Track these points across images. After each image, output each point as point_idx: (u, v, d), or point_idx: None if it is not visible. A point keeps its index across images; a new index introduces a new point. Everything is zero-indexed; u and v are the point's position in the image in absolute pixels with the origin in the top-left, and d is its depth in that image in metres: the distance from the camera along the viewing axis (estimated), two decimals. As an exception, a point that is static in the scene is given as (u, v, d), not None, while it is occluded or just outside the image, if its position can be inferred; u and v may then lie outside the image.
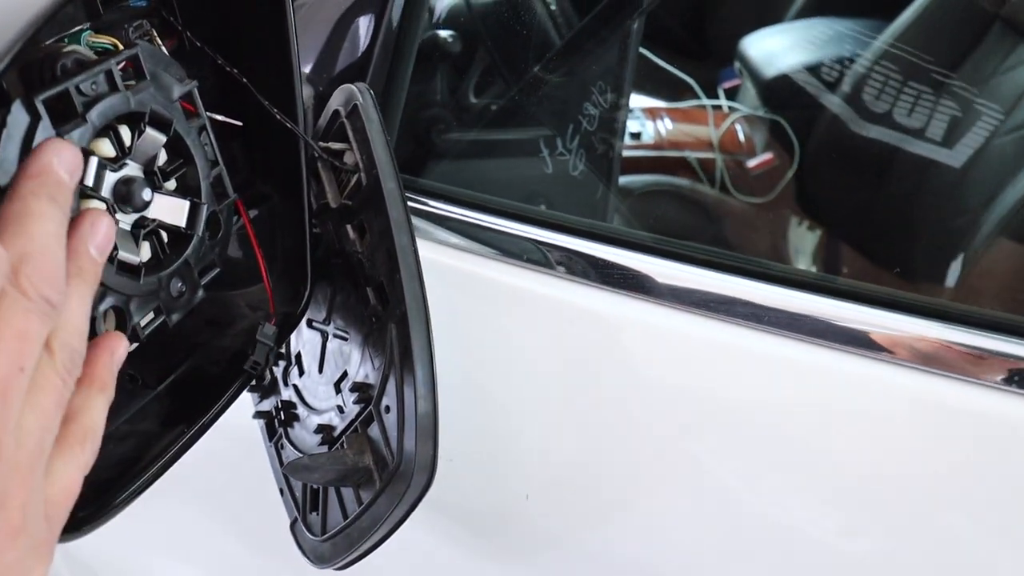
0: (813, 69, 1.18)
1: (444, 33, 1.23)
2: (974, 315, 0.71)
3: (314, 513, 0.76)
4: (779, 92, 1.21)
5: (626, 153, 1.22)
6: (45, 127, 0.48)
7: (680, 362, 0.82)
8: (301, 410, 0.78)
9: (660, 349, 0.83)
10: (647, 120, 1.25)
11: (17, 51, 0.44)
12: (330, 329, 0.77)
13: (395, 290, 0.66)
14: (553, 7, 1.24)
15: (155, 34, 0.64)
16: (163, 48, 0.64)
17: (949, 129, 0.93)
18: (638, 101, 1.26)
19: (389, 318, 0.67)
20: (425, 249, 0.72)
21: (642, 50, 1.22)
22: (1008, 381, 0.67)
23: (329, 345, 0.76)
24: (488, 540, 0.98)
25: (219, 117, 0.66)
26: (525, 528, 0.94)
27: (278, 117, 0.67)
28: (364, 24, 1.09)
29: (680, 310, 0.81)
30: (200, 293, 0.60)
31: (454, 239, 0.92)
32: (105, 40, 0.58)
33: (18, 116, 0.47)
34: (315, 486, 0.75)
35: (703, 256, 0.83)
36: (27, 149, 0.47)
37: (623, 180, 1.20)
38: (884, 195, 1.00)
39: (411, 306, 0.65)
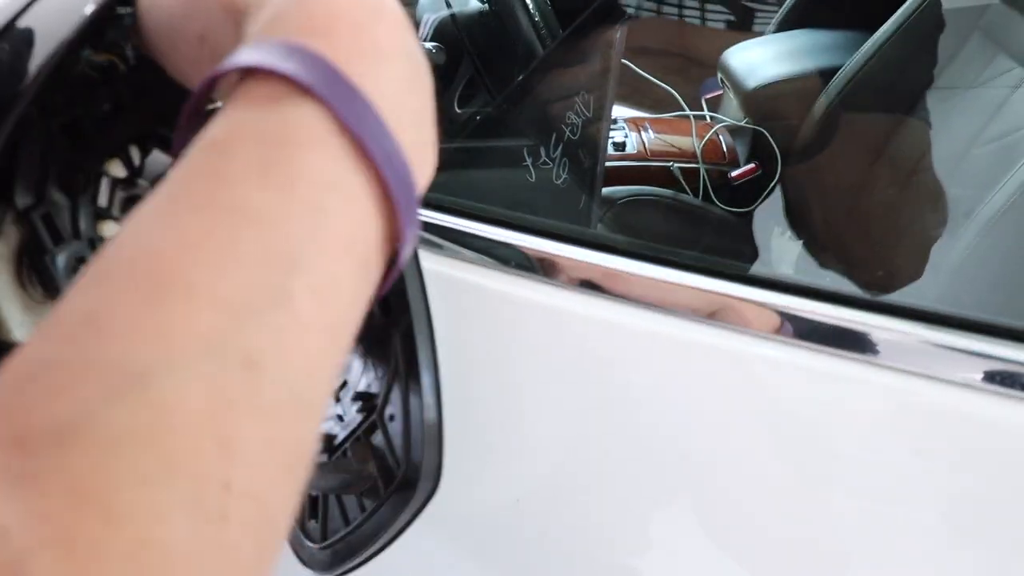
0: (794, 80, 1.20)
1: (428, 45, 1.24)
2: (953, 317, 0.73)
3: (312, 521, 0.76)
4: (761, 103, 1.22)
5: (609, 163, 1.23)
6: (60, 149, 0.49)
7: (669, 366, 0.83)
8: (298, 420, 0.78)
9: (649, 353, 0.84)
10: (630, 131, 1.26)
11: (46, 76, 0.45)
12: None
13: (399, 301, 0.67)
14: (536, 18, 1.25)
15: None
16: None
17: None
18: (621, 112, 1.27)
19: (393, 328, 0.68)
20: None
21: (624, 61, 1.23)
22: (987, 380, 0.69)
23: (327, 355, 0.77)
24: (477, 543, 0.98)
25: None
26: (514, 531, 0.94)
27: None
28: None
29: (669, 315, 0.82)
30: None
31: (439, 244, 0.93)
32: (103, 59, 0.58)
33: (34, 140, 0.48)
34: (314, 493, 0.75)
35: (691, 262, 0.84)
36: (44, 171, 0.48)
37: (607, 190, 1.21)
38: (865, 203, 1.01)
39: (416, 318, 0.66)
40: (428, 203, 0.96)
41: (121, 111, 0.54)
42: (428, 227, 0.94)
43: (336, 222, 0.31)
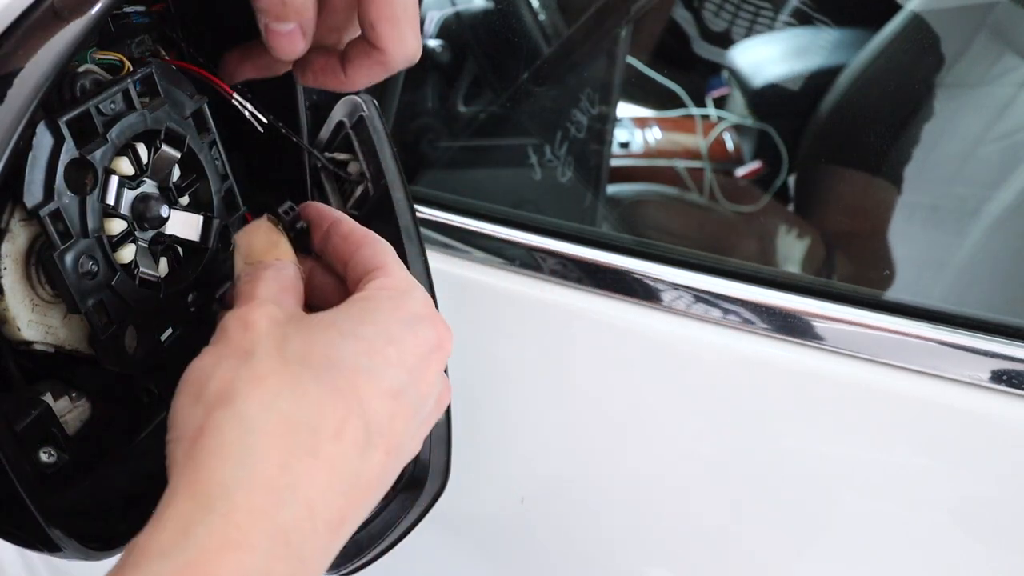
0: (801, 78, 1.19)
1: (433, 43, 1.23)
2: (960, 316, 0.73)
3: None
4: (767, 101, 1.22)
5: (615, 162, 1.23)
6: (69, 148, 0.49)
7: (672, 365, 0.83)
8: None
9: (652, 352, 0.84)
10: (635, 129, 1.26)
11: (55, 76, 0.45)
12: None
13: None
14: (541, 16, 1.25)
15: (159, 49, 0.64)
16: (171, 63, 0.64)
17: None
18: (626, 110, 1.27)
19: None
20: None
21: (630, 59, 1.23)
22: (994, 379, 0.69)
23: (334, 353, 0.77)
24: (482, 542, 0.98)
25: (248, 109, 0.66)
26: (519, 531, 0.94)
27: (283, 131, 0.68)
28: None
29: (672, 314, 0.82)
30: (216, 306, 0.61)
31: (442, 242, 0.93)
32: (111, 56, 0.58)
33: (43, 138, 0.48)
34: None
35: (694, 260, 0.84)
36: (52, 169, 0.48)
37: (612, 189, 1.21)
38: (872, 202, 1.01)
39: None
40: (434, 202, 0.96)
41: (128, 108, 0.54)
42: (434, 226, 0.94)
43: None
